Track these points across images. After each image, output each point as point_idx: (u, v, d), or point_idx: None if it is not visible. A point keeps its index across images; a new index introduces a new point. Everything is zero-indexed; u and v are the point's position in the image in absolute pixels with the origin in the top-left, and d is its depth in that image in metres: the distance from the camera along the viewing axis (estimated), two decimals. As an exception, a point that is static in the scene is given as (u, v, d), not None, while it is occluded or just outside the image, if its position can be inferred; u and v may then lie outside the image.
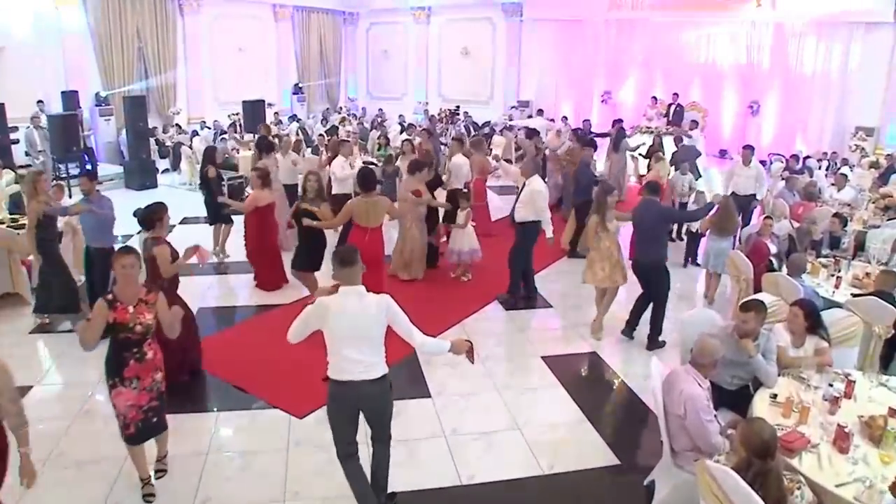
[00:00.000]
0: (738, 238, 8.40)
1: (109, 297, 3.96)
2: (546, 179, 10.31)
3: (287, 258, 7.77)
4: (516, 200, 7.44)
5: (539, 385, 5.93)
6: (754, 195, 9.81)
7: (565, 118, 17.94)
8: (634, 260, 6.80)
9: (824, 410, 4.02)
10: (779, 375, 4.39)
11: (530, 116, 18.90)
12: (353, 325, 3.66)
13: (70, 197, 10.12)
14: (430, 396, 5.65)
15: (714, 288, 8.01)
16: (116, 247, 6.25)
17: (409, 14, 21.88)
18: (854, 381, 4.28)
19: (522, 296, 7.78)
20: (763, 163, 16.86)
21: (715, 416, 3.89)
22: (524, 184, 7.44)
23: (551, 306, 7.76)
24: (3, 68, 14.35)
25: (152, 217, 5.57)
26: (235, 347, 6.57)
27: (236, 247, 8.93)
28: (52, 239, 6.89)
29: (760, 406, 4.09)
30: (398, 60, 22.74)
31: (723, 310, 7.41)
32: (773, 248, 7.31)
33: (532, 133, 12.57)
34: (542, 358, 6.41)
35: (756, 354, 4.28)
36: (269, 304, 7.68)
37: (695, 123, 15.44)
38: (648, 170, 12.63)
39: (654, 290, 6.65)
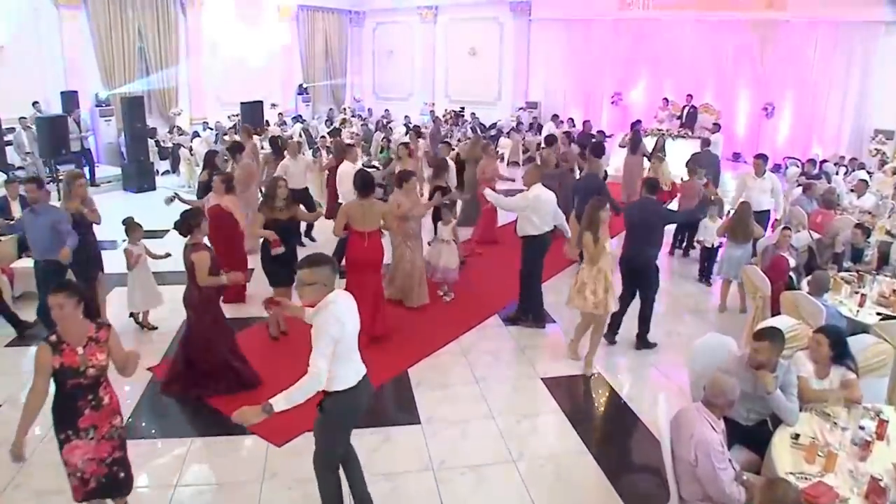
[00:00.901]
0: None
1: (53, 338, 3.42)
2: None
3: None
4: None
5: (538, 411, 5.50)
6: (768, 211, 9.16)
7: (556, 116, 17.55)
8: (624, 258, 6.58)
9: (853, 456, 3.57)
10: (801, 410, 3.95)
11: (540, 125, 18.38)
12: (356, 325, 3.65)
13: (59, 199, 9.76)
14: (419, 423, 5.24)
15: (725, 296, 7.64)
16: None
17: (416, 13, 21.52)
18: (887, 421, 3.82)
19: (514, 315, 7.34)
20: (778, 167, 16.46)
21: (730, 461, 3.46)
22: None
23: (555, 322, 7.30)
24: (1, 68, 14.03)
25: (189, 223, 5.38)
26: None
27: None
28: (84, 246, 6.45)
29: (780, 448, 3.65)
30: (404, 60, 22.37)
31: (735, 324, 6.99)
32: (792, 262, 6.82)
33: (551, 140, 12.02)
34: (543, 380, 5.98)
35: (774, 390, 3.84)
36: (237, 317, 6.98)
37: (717, 126, 14.77)
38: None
39: (644, 290, 6.52)
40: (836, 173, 13.04)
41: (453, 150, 15.33)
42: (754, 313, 6.15)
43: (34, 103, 14.25)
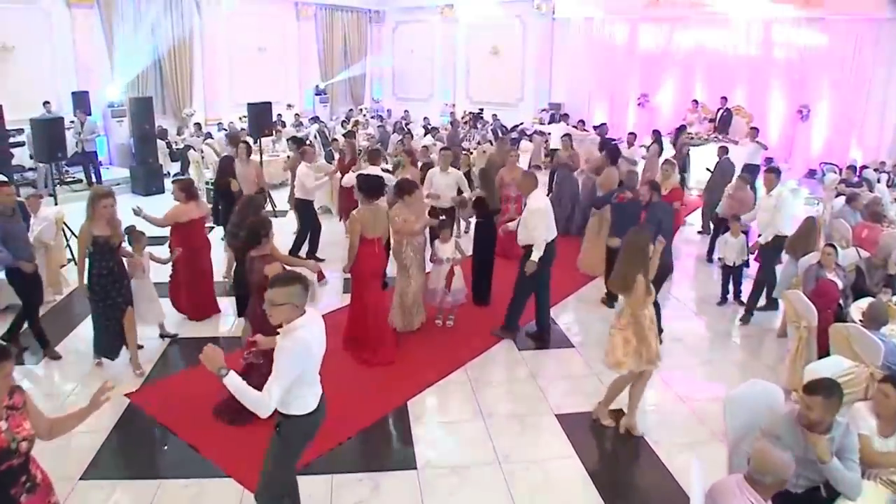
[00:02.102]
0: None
1: None
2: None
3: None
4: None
5: (550, 455, 4.84)
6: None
7: (563, 115, 16.82)
8: None
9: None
10: (863, 477, 3.30)
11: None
12: (322, 349, 3.45)
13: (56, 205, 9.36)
14: (414, 468, 4.64)
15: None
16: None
17: (437, 12, 20.98)
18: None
19: (534, 333, 6.73)
20: (813, 172, 15.68)
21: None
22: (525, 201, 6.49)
23: (572, 346, 6.64)
24: (12, 69, 13.88)
25: (258, 232, 5.10)
26: (185, 396, 5.49)
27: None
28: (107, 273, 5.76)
29: (840, 529, 3.01)
30: (424, 60, 21.83)
31: (767, 349, 6.31)
32: (839, 283, 6.07)
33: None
34: (557, 416, 5.33)
35: (830, 459, 3.18)
36: (205, 336, 6.42)
37: (755, 131, 13.84)
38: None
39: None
40: (878, 181, 12.18)
41: (471, 153, 14.88)
42: (797, 346, 5.41)
43: (45, 104, 14.03)
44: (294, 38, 19.98)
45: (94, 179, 13.36)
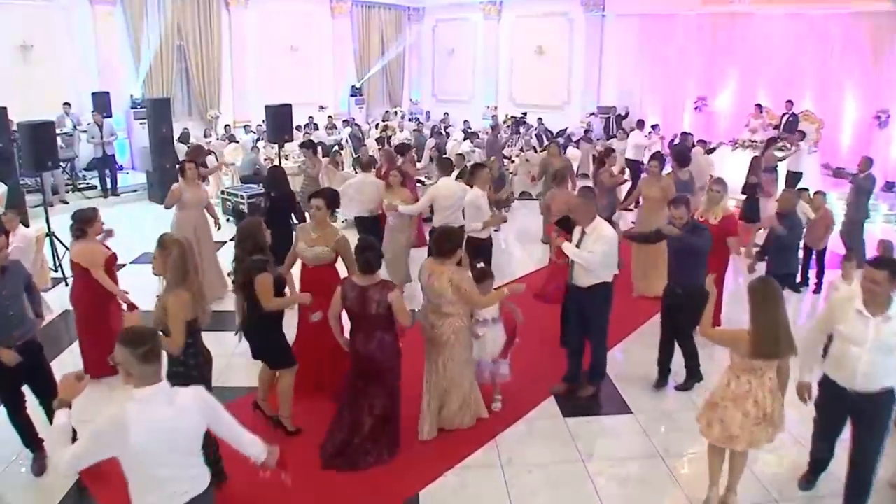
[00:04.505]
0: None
1: None
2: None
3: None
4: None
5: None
6: None
7: (639, 122, 15.32)
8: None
9: None
10: None
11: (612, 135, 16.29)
12: (165, 439, 2.63)
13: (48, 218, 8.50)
14: None
15: None
16: None
17: (479, 9, 19.93)
18: None
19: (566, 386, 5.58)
20: (891, 185, 14.17)
21: None
22: (581, 232, 5.25)
23: (630, 411, 5.35)
24: (31, 69, 13.36)
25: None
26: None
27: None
28: None
29: None
30: (466, 60, 20.80)
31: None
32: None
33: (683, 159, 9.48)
34: (613, 516, 4.16)
35: None
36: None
37: (801, 134, 12.52)
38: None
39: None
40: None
41: (512, 162, 13.75)
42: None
43: (65, 104, 13.48)
44: (328, 37, 19.13)
45: (108, 185, 12.63)
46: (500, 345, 5.08)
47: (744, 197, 10.34)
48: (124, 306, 5.17)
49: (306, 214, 6.00)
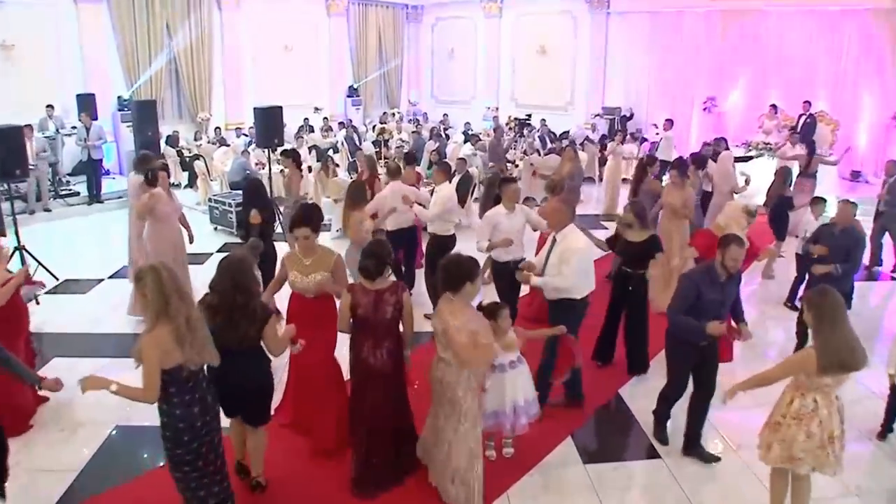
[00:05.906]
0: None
1: None
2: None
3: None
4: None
5: None
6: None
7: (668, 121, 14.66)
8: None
9: None
10: None
11: (633, 136, 15.63)
12: None
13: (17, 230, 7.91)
14: None
15: None
16: None
17: (479, 8, 19.46)
18: None
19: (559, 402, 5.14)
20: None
21: None
22: (553, 239, 4.88)
23: (658, 456, 4.66)
24: (12, 69, 12.84)
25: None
26: None
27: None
28: None
29: None
30: (466, 60, 20.34)
31: None
32: None
33: (701, 162, 9.32)
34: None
35: None
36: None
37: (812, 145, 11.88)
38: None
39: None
40: None
41: (516, 166, 13.14)
42: None
43: (48, 106, 12.91)
44: (324, 36, 18.61)
45: (94, 191, 12.05)
46: (525, 389, 4.31)
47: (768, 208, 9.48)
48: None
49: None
